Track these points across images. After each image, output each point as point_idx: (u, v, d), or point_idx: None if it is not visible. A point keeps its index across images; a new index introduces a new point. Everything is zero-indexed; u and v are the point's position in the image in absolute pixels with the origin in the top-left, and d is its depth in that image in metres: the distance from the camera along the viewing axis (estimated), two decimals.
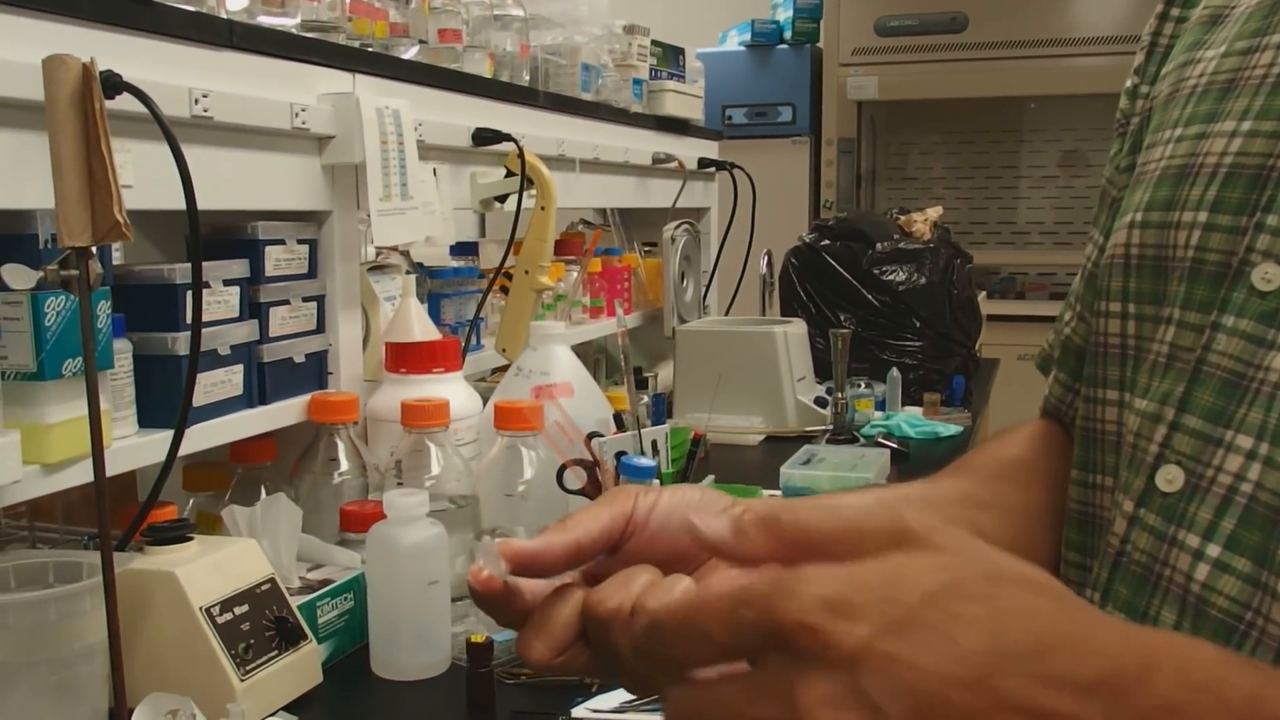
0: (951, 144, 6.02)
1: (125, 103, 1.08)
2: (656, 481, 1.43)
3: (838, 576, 0.45)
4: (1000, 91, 5.38)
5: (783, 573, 0.46)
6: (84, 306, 0.95)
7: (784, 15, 4.93)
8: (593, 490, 1.33)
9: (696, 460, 1.70)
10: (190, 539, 1.13)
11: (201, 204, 1.11)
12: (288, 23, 1.45)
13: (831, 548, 0.48)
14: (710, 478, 1.78)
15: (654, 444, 1.60)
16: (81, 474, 1.10)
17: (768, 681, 0.45)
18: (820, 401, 2.35)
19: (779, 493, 1.74)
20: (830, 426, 2.26)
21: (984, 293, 3.22)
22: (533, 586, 0.61)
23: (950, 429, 2.37)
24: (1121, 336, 0.77)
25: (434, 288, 1.84)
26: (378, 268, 1.67)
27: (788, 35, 4.92)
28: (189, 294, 1.18)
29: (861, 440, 2.23)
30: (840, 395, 2.25)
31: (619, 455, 1.44)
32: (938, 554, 0.46)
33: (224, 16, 1.31)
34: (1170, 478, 0.69)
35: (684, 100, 2.75)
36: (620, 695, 1.13)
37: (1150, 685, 0.42)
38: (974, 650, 0.42)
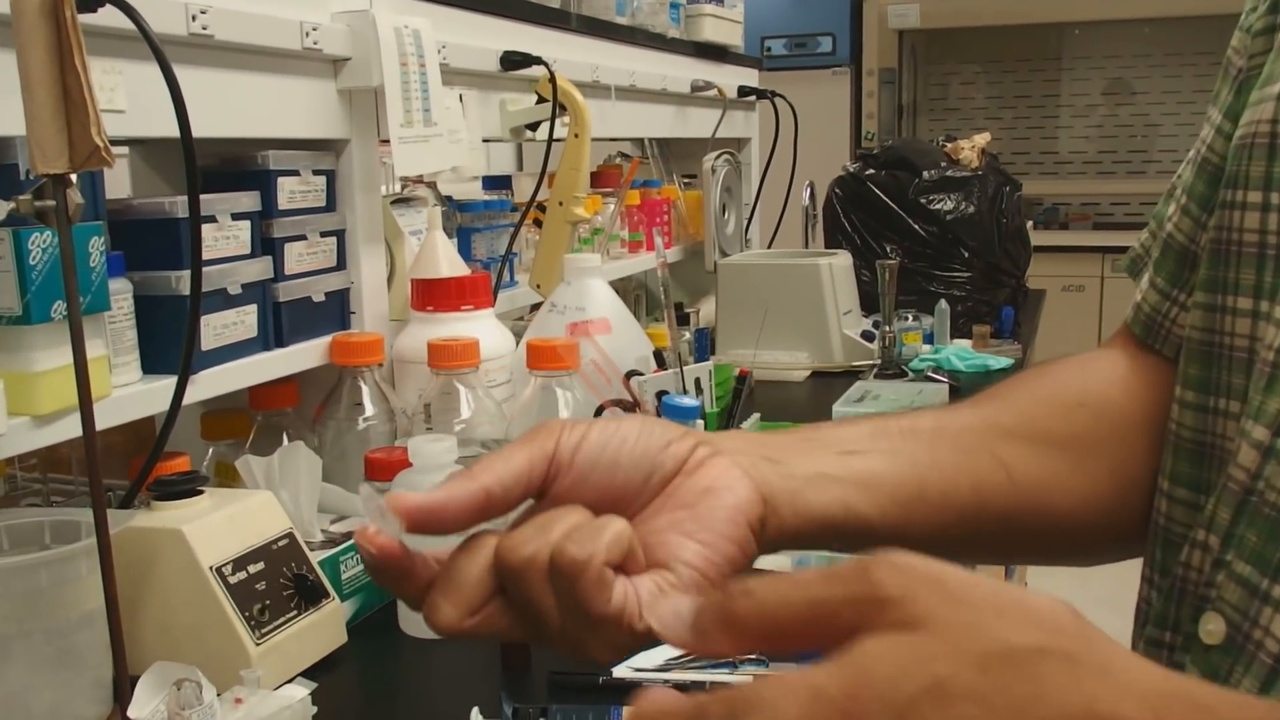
0: (993, 73, 5.89)
1: (114, 18, 0.96)
2: (700, 422, 1.33)
3: (797, 692, 0.37)
4: (1043, 17, 5.25)
5: (735, 699, 0.38)
6: (64, 239, 0.83)
7: None
8: None
9: (743, 398, 1.59)
10: (200, 492, 1.04)
11: (202, 131, 1.00)
12: None
13: (796, 636, 0.41)
14: (755, 416, 1.68)
15: (697, 382, 1.49)
16: (77, 426, 1.00)
17: None
18: (867, 335, 2.27)
19: None
20: (877, 361, 2.17)
21: (1029, 223, 3.10)
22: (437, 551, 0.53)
23: (1001, 361, 2.28)
24: (1261, 233, 0.63)
25: (464, 222, 1.73)
26: (402, 200, 1.55)
27: None
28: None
29: (910, 375, 2.14)
30: (887, 328, 2.17)
31: (660, 394, 1.35)
32: (916, 641, 0.38)
33: None
34: None
35: (723, 25, 2.62)
36: (666, 651, 1.02)
37: None
38: None
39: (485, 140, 1.68)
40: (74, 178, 0.82)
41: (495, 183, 2.31)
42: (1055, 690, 0.36)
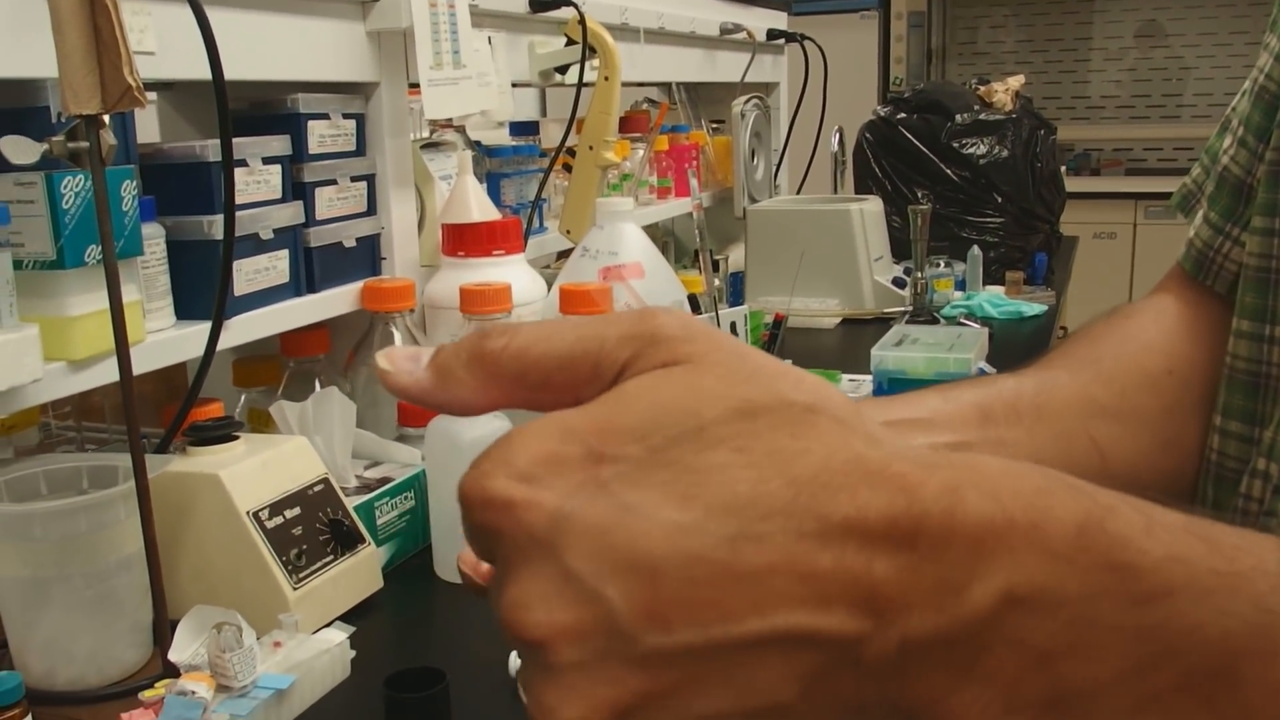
0: (1023, 16, 5.82)
1: None
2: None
3: (544, 430, 0.34)
4: None
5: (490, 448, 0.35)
6: (98, 181, 0.83)
7: None
8: None
9: (778, 343, 1.58)
10: (236, 438, 1.04)
11: (233, 74, 0.99)
12: None
13: (558, 377, 0.36)
14: (787, 363, 1.66)
15: (733, 326, 1.48)
16: (112, 371, 1.00)
17: (493, 586, 0.35)
18: (898, 282, 2.25)
19: (864, 378, 1.62)
20: (909, 308, 2.16)
21: (1061, 168, 3.07)
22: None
23: (1034, 308, 2.25)
24: None
25: (493, 167, 1.72)
26: (432, 145, 1.54)
27: None
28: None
29: (942, 321, 2.12)
30: (919, 275, 2.14)
31: None
32: (684, 378, 0.34)
33: None
34: None
35: None
36: None
37: (954, 519, 0.32)
38: (717, 507, 0.31)
39: (514, 85, 1.67)
40: (106, 119, 0.81)
41: (522, 128, 2.29)
42: (822, 445, 0.33)
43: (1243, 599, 0.31)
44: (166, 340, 1.08)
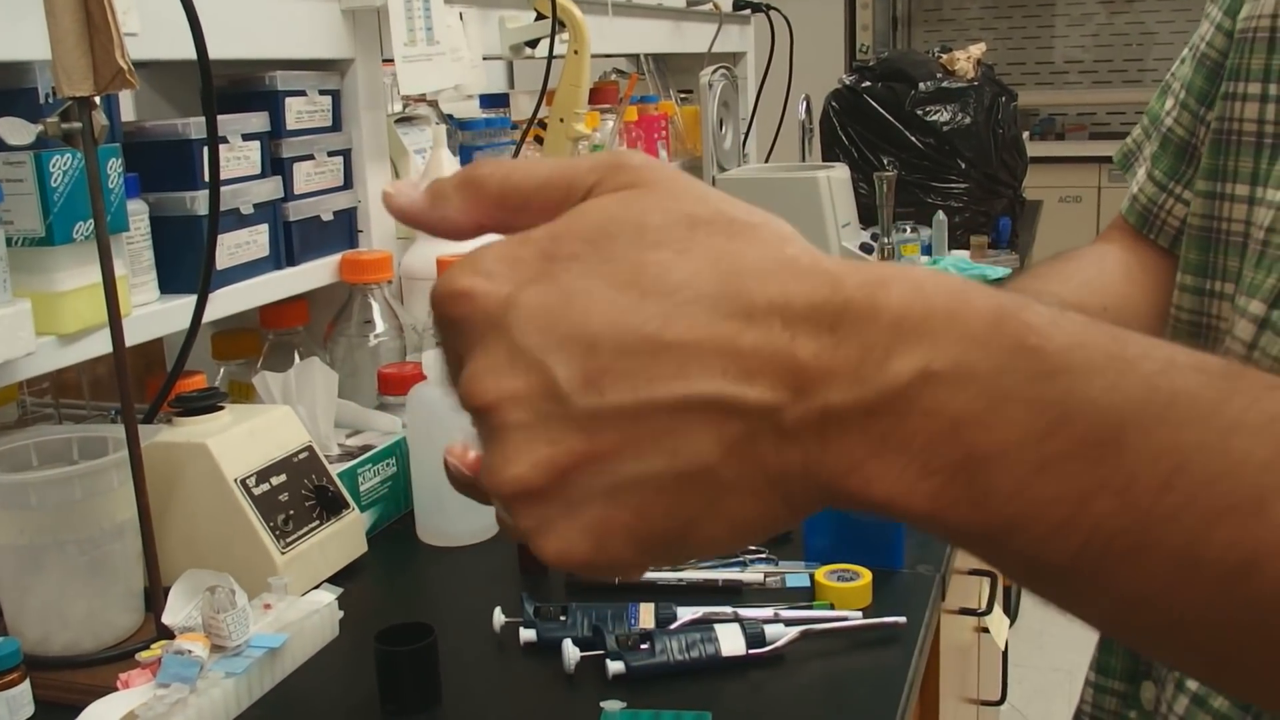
0: None
1: None
2: None
3: (507, 240, 0.38)
4: None
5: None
6: (90, 161, 0.86)
7: None
8: None
9: None
10: (221, 408, 1.07)
11: (213, 53, 1.02)
12: None
13: (536, 200, 0.40)
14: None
15: None
16: (100, 344, 1.03)
17: (449, 363, 0.40)
18: (865, 248, 2.28)
19: None
20: None
21: (1025, 134, 3.10)
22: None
23: (998, 271, 2.29)
24: (1259, 123, 0.66)
25: (465, 140, 1.75)
26: (405, 119, 1.57)
27: None
28: (206, 150, 1.09)
29: None
30: (886, 240, 2.18)
31: None
32: (638, 196, 0.38)
33: None
34: None
35: None
36: None
37: (877, 305, 0.35)
38: (652, 291, 0.35)
39: (484, 58, 1.70)
40: (98, 100, 0.84)
41: (492, 101, 2.31)
42: (757, 247, 0.36)
43: (1132, 379, 0.35)
44: (152, 314, 1.11)
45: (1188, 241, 0.71)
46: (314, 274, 1.35)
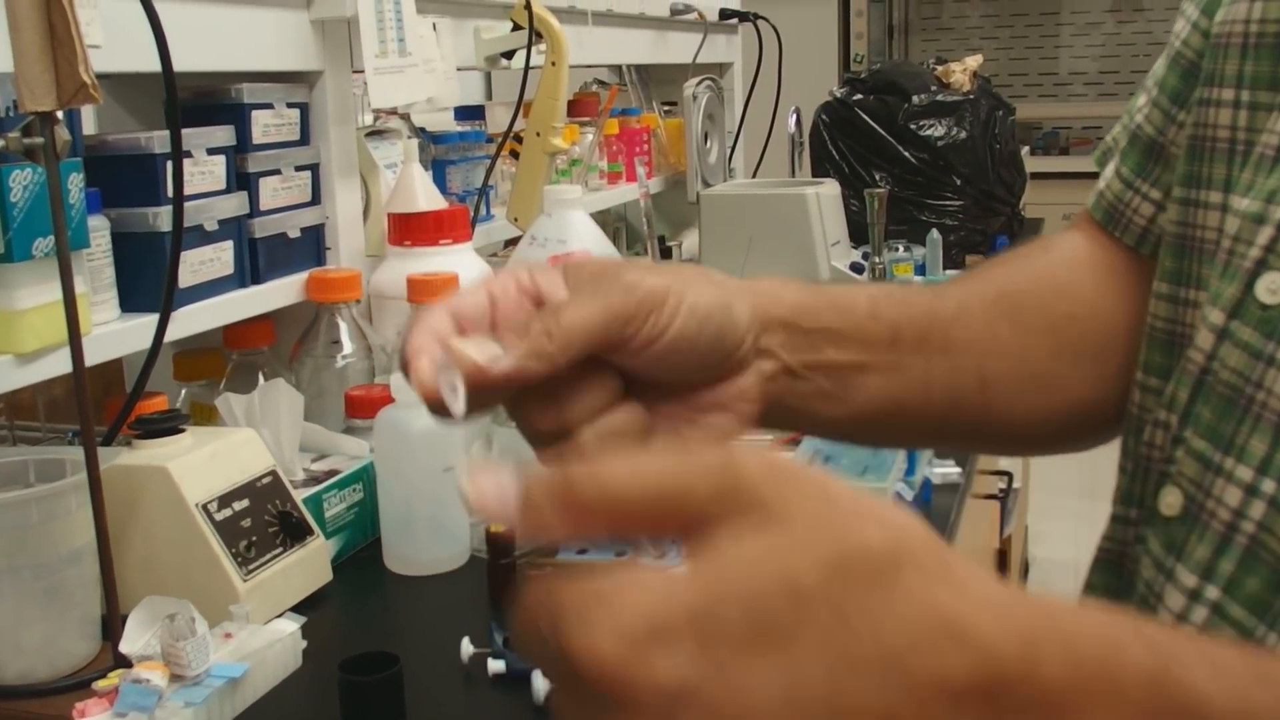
0: None
1: None
2: None
3: (647, 589, 0.37)
4: None
5: (585, 594, 0.38)
6: (52, 177, 0.89)
7: None
8: None
9: None
10: (183, 430, 1.09)
11: (178, 65, 1.05)
12: None
13: (642, 519, 0.40)
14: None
15: None
16: (59, 364, 1.06)
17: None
18: (856, 267, 2.29)
19: None
20: None
21: (1026, 148, 3.13)
22: None
23: None
24: (1232, 129, 0.69)
25: (438, 154, 1.77)
26: (376, 133, 1.60)
27: None
28: (169, 164, 1.12)
29: None
30: (877, 260, 2.19)
31: None
32: (775, 537, 0.38)
33: None
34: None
35: None
36: None
37: (1034, 675, 0.38)
38: (819, 680, 0.37)
39: (459, 69, 1.73)
40: (60, 114, 0.87)
41: (467, 113, 2.34)
42: (909, 605, 0.38)
43: None
44: (112, 332, 1.14)
45: (1164, 249, 0.74)
46: (280, 293, 1.38)
